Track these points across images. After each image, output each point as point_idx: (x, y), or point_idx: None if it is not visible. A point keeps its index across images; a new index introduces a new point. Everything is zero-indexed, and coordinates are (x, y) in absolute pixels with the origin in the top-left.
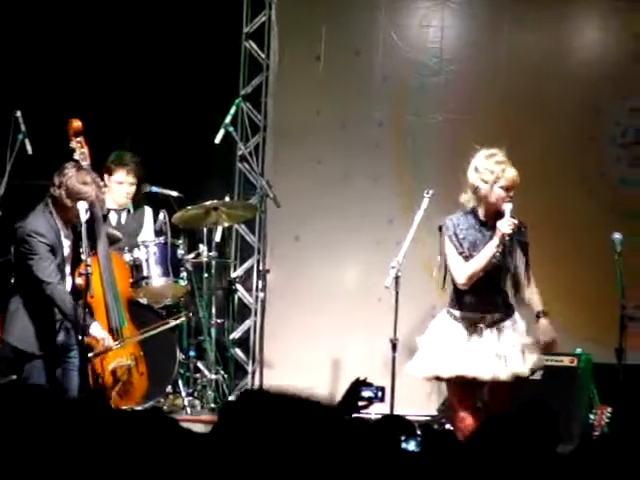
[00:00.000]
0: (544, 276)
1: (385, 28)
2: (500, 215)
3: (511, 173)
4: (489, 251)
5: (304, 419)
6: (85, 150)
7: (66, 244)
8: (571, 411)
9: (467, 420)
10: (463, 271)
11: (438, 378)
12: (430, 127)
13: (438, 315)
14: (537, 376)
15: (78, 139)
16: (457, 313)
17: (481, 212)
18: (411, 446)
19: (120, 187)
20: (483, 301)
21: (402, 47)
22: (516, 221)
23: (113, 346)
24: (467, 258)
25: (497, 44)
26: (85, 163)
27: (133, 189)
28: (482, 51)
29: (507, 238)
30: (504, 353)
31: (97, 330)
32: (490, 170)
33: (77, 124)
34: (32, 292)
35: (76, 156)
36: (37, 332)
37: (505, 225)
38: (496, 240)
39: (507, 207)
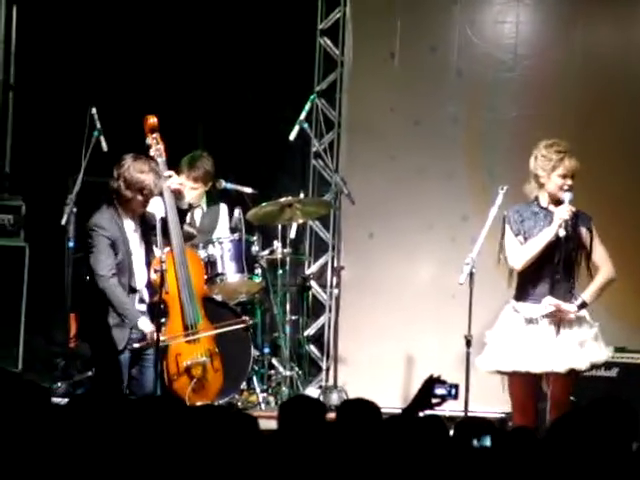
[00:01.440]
0: (621, 271)
1: (460, 24)
2: (560, 203)
3: (569, 161)
4: (546, 235)
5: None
6: (161, 146)
7: (134, 237)
8: None
9: (527, 416)
10: (518, 254)
11: (500, 372)
12: (505, 123)
13: (505, 307)
14: (613, 373)
15: (154, 135)
16: (517, 305)
17: (542, 200)
18: (484, 443)
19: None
20: (542, 292)
21: (477, 43)
22: (574, 209)
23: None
24: (524, 242)
25: (571, 39)
26: (161, 159)
27: (194, 194)
28: (557, 47)
29: (564, 225)
30: (563, 346)
31: (144, 324)
32: (549, 158)
33: (153, 120)
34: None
35: (152, 152)
36: (113, 329)
37: (563, 211)
38: (554, 226)
39: (566, 195)
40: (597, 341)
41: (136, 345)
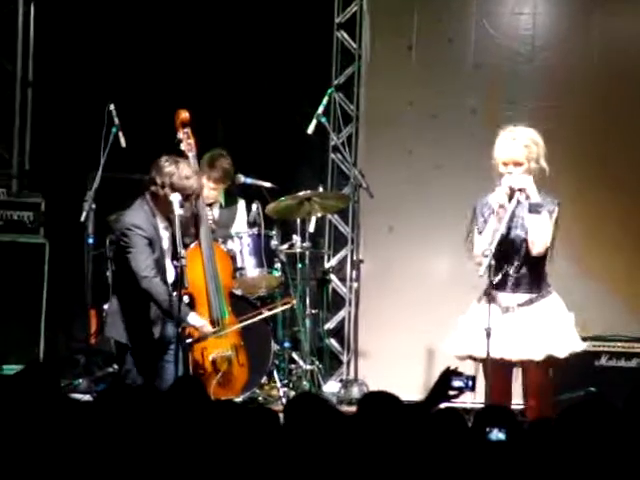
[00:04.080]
0: (638, 269)
1: (477, 16)
2: (514, 193)
3: (503, 148)
4: (490, 226)
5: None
6: (192, 141)
7: (165, 236)
8: None
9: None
10: (475, 244)
11: (472, 358)
12: (523, 115)
13: (481, 296)
14: (633, 364)
15: (185, 130)
16: (491, 292)
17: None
18: (498, 436)
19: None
20: (511, 279)
21: (494, 35)
22: (507, 191)
23: (210, 333)
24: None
25: (589, 30)
26: (192, 154)
27: (214, 194)
28: (574, 38)
29: (503, 209)
30: (537, 333)
31: (195, 319)
32: (495, 146)
33: (185, 115)
34: (131, 286)
35: (183, 147)
36: (137, 326)
37: (497, 196)
38: (495, 214)
39: (504, 180)
40: (573, 330)
41: (189, 340)
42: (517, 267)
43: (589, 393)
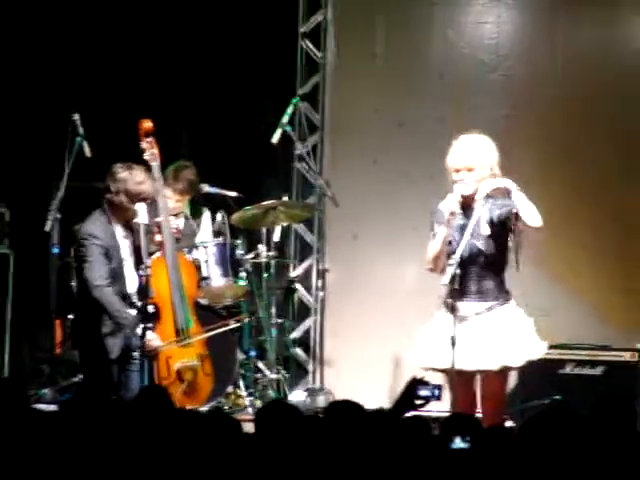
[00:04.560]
0: (610, 273)
1: (441, 25)
2: (469, 201)
3: (454, 155)
4: (440, 233)
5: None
6: (155, 150)
7: (125, 244)
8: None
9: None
10: (428, 249)
11: (434, 369)
12: (489, 123)
13: (440, 305)
14: (598, 371)
15: (149, 139)
16: (448, 301)
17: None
18: (461, 445)
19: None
20: (467, 288)
21: (458, 44)
22: (458, 199)
23: (162, 347)
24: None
25: (553, 39)
26: (155, 163)
27: (179, 205)
28: (538, 47)
29: (453, 216)
30: (495, 343)
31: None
32: (448, 154)
33: (148, 124)
34: (93, 296)
35: (146, 156)
36: (106, 337)
37: (448, 203)
38: (445, 223)
39: (455, 187)
40: (532, 336)
41: (136, 354)
42: (474, 276)
43: (554, 401)
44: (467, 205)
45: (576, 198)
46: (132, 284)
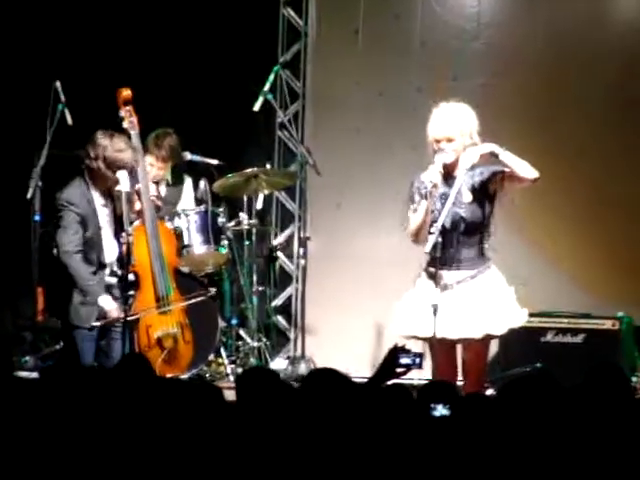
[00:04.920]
0: (588, 242)
1: None
2: (449, 171)
3: (434, 125)
4: (423, 204)
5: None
6: (134, 119)
7: (103, 213)
8: None
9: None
10: (410, 221)
11: (416, 337)
12: (470, 92)
13: (421, 273)
14: (579, 339)
15: (127, 108)
16: (430, 270)
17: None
18: (442, 412)
19: (150, 168)
20: (450, 256)
21: (440, 12)
22: (439, 170)
23: (141, 314)
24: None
25: (534, 8)
26: (134, 132)
27: (161, 173)
28: (520, 15)
29: (436, 188)
30: (478, 312)
31: (105, 301)
32: (428, 124)
33: (127, 93)
34: None
35: (125, 125)
36: (80, 306)
37: (429, 174)
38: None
39: (436, 157)
40: (513, 304)
41: (97, 323)
42: (456, 244)
43: (535, 369)
44: (448, 174)
45: (553, 166)
46: (111, 252)
